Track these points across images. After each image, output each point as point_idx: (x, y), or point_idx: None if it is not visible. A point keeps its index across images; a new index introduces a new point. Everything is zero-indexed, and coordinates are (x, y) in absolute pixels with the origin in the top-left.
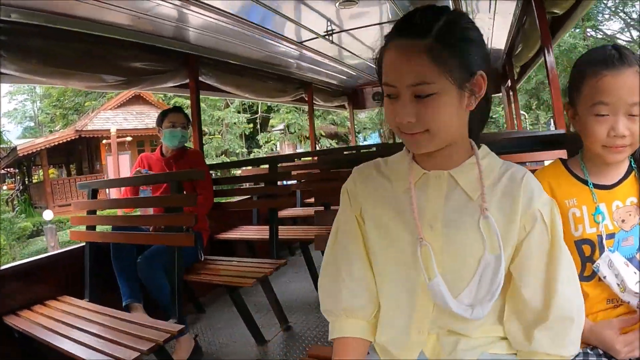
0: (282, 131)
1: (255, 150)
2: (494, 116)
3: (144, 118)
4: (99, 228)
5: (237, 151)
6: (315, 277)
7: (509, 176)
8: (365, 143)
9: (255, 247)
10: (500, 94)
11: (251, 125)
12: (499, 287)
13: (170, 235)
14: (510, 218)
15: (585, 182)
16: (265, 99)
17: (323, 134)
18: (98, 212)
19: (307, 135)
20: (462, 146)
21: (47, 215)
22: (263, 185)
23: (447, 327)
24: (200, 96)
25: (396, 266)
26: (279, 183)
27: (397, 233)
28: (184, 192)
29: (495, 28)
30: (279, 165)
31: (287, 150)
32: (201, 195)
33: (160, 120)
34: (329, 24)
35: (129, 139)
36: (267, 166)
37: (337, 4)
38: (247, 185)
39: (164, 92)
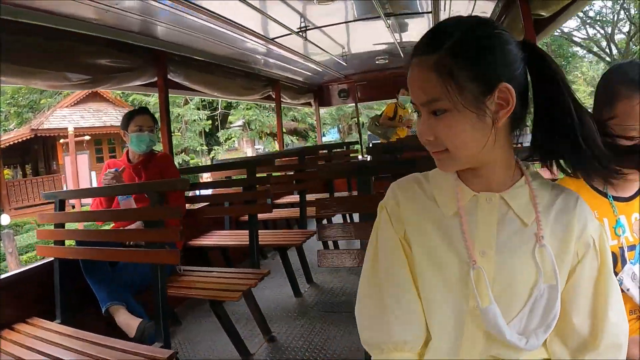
0: (241, 127)
1: (216, 147)
2: None
3: (102, 116)
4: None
5: (197, 149)
6: (294, 283)
7: (562, 200)
8: (325, 138)
9: (229, 253)
10: None
11: (210, 122)
12: (555, 318)
13: (152, 252)
14: (565, 245)
15: (605, 195)
16: (233, 97)
17: (284, 130)
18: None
19: (268, 132)
20: (506, 165)
21: (4, 219)
22: (241, 191)
23: (496, 356)
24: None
25: (444, 293)
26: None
27: (446, 258)
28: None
29: None
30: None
31: (246, 147)
32: (174, 203)
33: (126, 123)
34: (302, 20)
35: (87, 137)
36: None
37: (315, 0)
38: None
39: (131, 91)
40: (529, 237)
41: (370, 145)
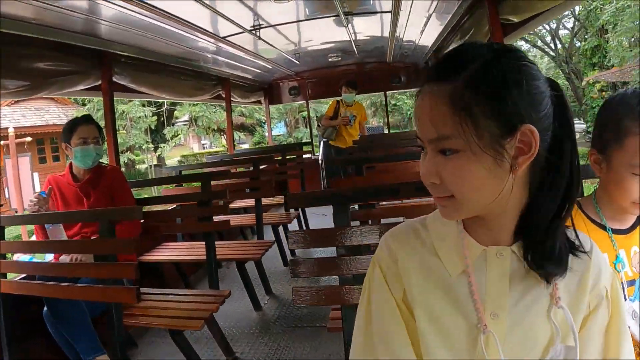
0: (187, 123)
1: (162, 145)
2: (397, 104)
3: (44, 114)
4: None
5: (143, 146)
6: (254, 297)
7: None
8: (272, 132)
9: (182, 268)
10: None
11: (155, 118)
12: None
13: (109, 291)
14: (579, 298)
15: (604, 228)
16: (183, 99)
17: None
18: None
19: (214, 128)
20: (519, 215)
21: None
22: (195, 205)
23: None
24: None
25: (450, 357)
26: None
27: (453, 323)
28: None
29: (428, 26)
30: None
31: (192, 142)
32: (129, 223)
33: (68, 135)
34: (255, 18)
35: (28, 139)
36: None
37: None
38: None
39: (74, 97)
40: (542, 294)
41: (321, 146)
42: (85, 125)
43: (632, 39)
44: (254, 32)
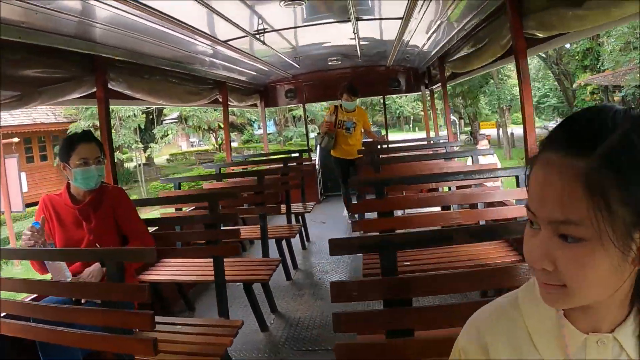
0: (175, 121)
1: (152, 145)
2: (386, 103)
3: (31, 112)
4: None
5: (132, 146)
6: (261, 319)
7: None
8: (260, 131)
9: (184, 287)
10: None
11: (144, 116)
12: None
13: (118, 340)
14: None
15: None
16: (180, 104)
17: (222, 125)
18: None
19: (205, 128)
20: (623, 301)
21: None
22: (203, 230)
23: None
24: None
25: None
26: None
27: None
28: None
29: (436, 32)
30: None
31: (181, 141)
32: (138, 243)
33: (66, 154)
34: (260, 21)
35: (15, 140)
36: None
37: (281, 3)
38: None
39: (65, 106)
40: None
41: (317, 150)
42: (85, 144)
43: (626, 43)
44: (257, 36)
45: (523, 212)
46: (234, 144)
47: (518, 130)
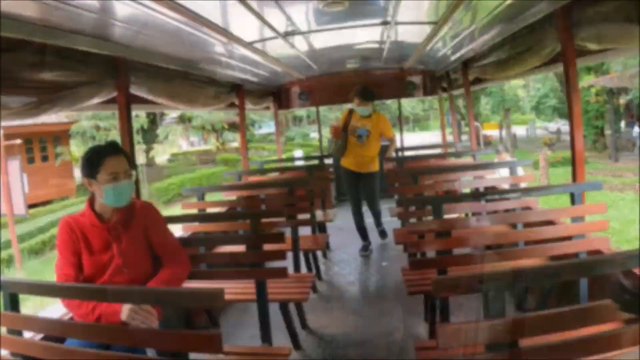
0: (175, 120)
1: (155, 145)
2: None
3: None
4: None
5: (135, 146)
6: (294, 337)
7: None
8: (261, 131)
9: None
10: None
11: (146, 116)
12: None
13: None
14: None
15: None
16: (199, 108)
17: (226, 126)
18: None
19: (209, 128)
20: None
21: None
22: (244, 250)
23: None
24: None
25: None
26: None
27: None
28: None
29: (467, 38)
30: None
31: (181, 140)
32: (177, 268)
33: (92, 169)
34: (289, 22)
35: (18, 141)
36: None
37: (321, 5)
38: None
39: (81, 111)
40: None
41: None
42: (114, 157)
43: None
44: (286, 37)
45: (579, 231)
46: (234, 144)
47: (520, 131)
